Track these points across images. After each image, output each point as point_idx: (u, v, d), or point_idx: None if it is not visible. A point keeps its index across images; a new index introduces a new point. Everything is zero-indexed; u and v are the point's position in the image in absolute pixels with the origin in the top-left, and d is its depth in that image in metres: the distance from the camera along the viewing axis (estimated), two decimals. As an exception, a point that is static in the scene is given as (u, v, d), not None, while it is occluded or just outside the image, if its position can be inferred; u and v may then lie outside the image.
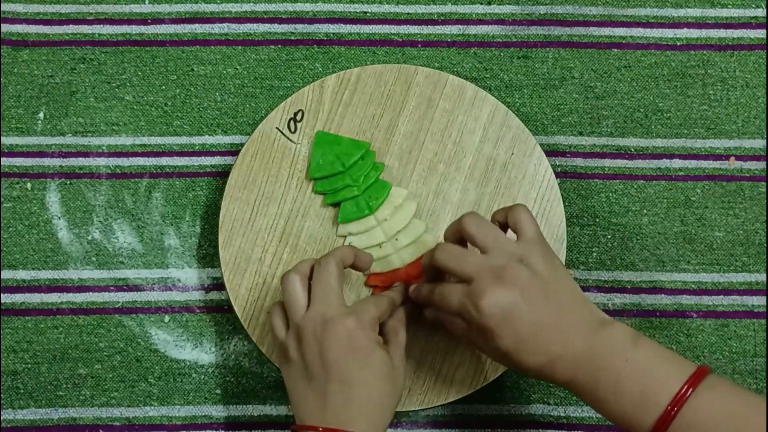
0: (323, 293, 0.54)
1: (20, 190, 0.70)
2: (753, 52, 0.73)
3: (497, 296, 0.51)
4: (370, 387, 0.53)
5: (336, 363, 0.52)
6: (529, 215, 0.55)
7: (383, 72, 0.68)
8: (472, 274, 0.52)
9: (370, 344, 0.53)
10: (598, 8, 0.74)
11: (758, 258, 0.70)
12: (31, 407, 0.67)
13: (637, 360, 0.50)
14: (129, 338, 0.68)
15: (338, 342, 0.52)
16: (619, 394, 0.50)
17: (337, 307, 0.54)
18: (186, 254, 0.69)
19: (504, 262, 0.52)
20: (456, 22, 0.73)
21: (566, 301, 0.52)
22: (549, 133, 0.71)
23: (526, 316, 0.51)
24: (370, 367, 0.53)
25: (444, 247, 0.55)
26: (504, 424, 0.67)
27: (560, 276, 0.53)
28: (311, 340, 0.53)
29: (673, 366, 0.50)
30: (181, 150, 0.71)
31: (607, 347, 0.51)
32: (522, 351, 0.51)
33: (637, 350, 0.50)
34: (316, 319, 0.53)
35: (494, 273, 0.51)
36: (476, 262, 0.52)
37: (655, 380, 0.49)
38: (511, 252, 0.52)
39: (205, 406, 0.67)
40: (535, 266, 0.52)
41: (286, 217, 0.66)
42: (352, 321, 0.53)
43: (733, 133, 0.72)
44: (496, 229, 0.54)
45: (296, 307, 0.54)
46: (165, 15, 0.73)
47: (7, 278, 0.68)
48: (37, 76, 0.72)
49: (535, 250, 0.53)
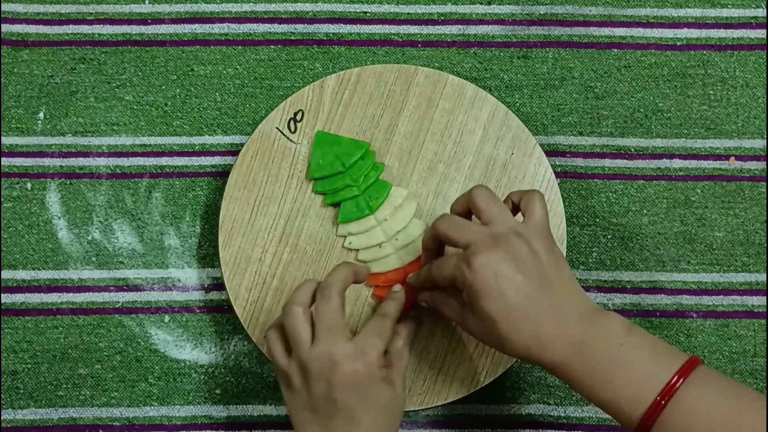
0: (329, 332, 0.53)
1: (20, 190, 0.70)
2: (753, 52, 0.73)
3: (492, 256, 0.50)
4: (375, 422, 0.53)
5: (343, 402, 0.52)
6: (542, 202, 0.54)
7: (383, 72, 0.68)
8: (470, 240, 0.52)
9: (376, 384, 0.53)
10: (598, 8, 0.74)
11: (758, 258, 0.70)
12: (31, 407, 0.67)
13: (629, 349, 0.50)
14: (129, 338, 0.68)
15: (347, 386, 0.52)
16: (610, 382, 0.49)
17: (343, 346, 0.53)
18: (186, 254, 0.69)
19: (504, 231, 0.52)
20: (456, 22, 0.73)
21: (562, 286, 0.52)
22: (549, 133, 0.71)
23: (520, 285, 0.50)
24: (376, 404, 0.53)
25: (446, 216, 0.55)
26: (504, 424, 0.67)
27: (559, 264, 0.53)
28: (318, 378, 0.53)
29: (664, 356, 0.49)
30: (181, 150, 0.71)
31: (601, 335, 0.50)
32: (510, 321, 0.50)
33: (630, 339, 0.50)
34: (323, 359, 0.52)
35: (492, 237, 0.51)
36: (476, 230, 0.52)
37: (646, 370, 0.49)
38: (513, 227, 0.52)
39: (205, 406, 0.67)
40: (535, 247, 0.52)
41: (286, 217, 0.66)
42: (360, 365, 0.53)
43: (733, 133, 0.72)
44: (503, 205, 0.54)
45: (301, 342, 0.53)
46: (165, 15, 0.73)
47: (7, 278, 0.68)
48: (37, 76, 0.72)
49: (537, 233, 0.53)
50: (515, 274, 0.50)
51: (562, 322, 0.51)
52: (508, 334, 0.51)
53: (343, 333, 0.54)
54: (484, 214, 0.53)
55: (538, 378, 0.68)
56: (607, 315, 0.52)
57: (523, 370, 0.68)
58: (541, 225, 0.53)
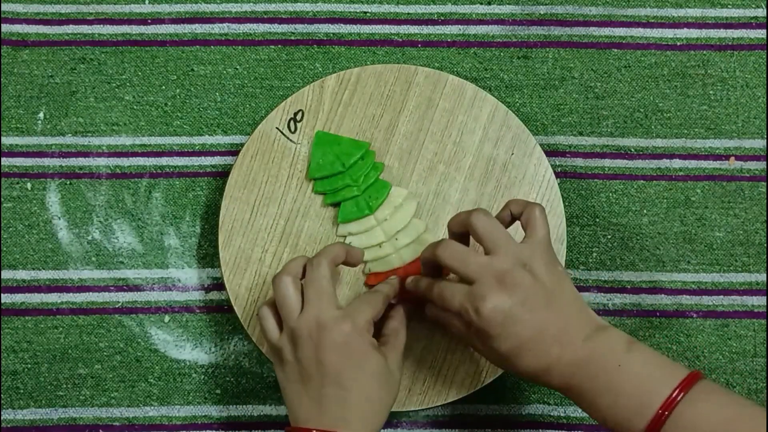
0: (317, 296, 0.54)
1: (20, 190, 0.70)
2: (753, 52, 0.73)
3: (499, 301, 0.51)
4: (366, 390, 0.53)
5: (332, 367, 0.52)
6: (543, 217, 0.54)
7: (383, 72, 0.68)
8: (474, 275, 0.52)
9: (365, 348, 0.53)
10: (598, 8, 0.74)
11: (758, 258, 0.70)
12: (31, 407, 0.67)
13: (630, 364, 0.50)
14: (129, 338, 0.68)
15: (334, 346, 0.52)
16: (613, 399, 0.50)
17: (331, 310, 0.53)
18: (186, 254, 0.69)
19: (508, 266, 0.52)
20: (456, 22, 0.73)
21: (566, 308, 0.52)
22: (549, 133, 0.71)
23: (527, 322, 0.51)
24: (366, 371, 0.53)
25: (447, 245, 0.54)
26: (504, 424, 0.67)
27: (562, 282, 0.53)
28: (307, 344, 0.53)
29: (665, 370, 0.50)
30: (181, 150, 0.71)
31: (602, 352, 0.51)
32: (520, 356, 0.52)
33: (631, 355, 0.50)
34: (311, 324, 0.53)
35: (497, 277, 0.51)
36: (479, 263, 0.52)
37: (647, 384, 0.49)
38: (516, 256, 0.52)
39: (205, 406, 0.67)
40: (538, 271, 0.52)
41: (286, 217, 0.66)
42: (347, 326, 0.53)
43: (733, 133, 0.72)
44: (503, 230, 0.54)
45: (290, 310, 0.54)
46: (165, 15, 0.73)
47: (7, 278, 0.68)
48: (37, 76, 0.72)
49: (539, 253, 0.53)
50: (523, 315, 0.51)
51: (567, 344, 0.51)
52: (516, 363, 0.52)
53: (332, 300, 0.54)
54: (486, 243, 0.53)
55: (538, 378, 0.68)
56: (608, 331, 0.52)
57: (523, 370, 0.68)
58: (543, 243, 0.54)
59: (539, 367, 0.52)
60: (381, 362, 0.54)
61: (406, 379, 0.64)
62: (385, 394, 0.54)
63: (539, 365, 0.52)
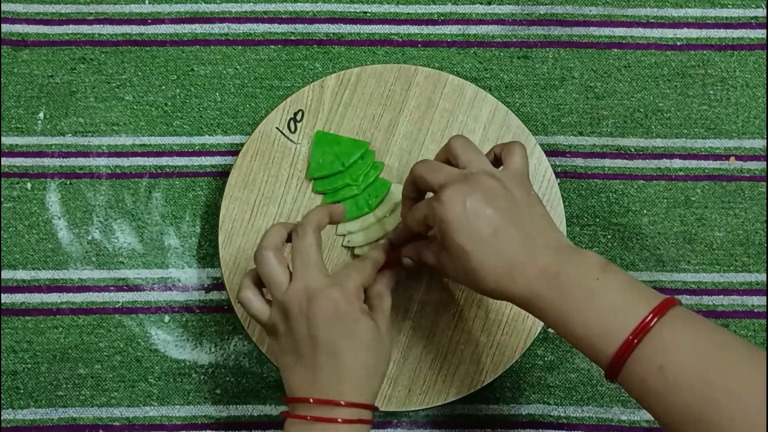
0: (304, 266, 0.53)
1: (20, 190, 0.70)
2: (753, 52, 0.73)
3: (461, 189, 0.50)
4: (358, 357, 0.52)
5: (323, 336, 0.52)
6: (522, 152, 0.54)
7: (383, 72, 0.68)
8: (443, 181, 0.52)
9: (355, 314, 0.53)
10: (598, 8, 0.74)
11: (758, 258, 0.70)
12: (31, 407, 0.67)
13: (605, 284, 0.48)
14: (129, 338, 0.68)
15: (324, 315, 0.52)
16: (584, 317, 0.48)
17: (320, 278, 0.53)
18: (186, 254, 0.69)
19: (477, 172, 0.52)
20: (456, 22, 0.73)
21: (536, 220, 0.51)
22: (549, 133, 0.71)
23: (489, 217, 0.50)
24: (357, 337, 0.52)
25: (423, 161, 0.55)
26: (504, 424, 0.67)
27: (534, 204, 0.52)
28: (298, 315, 0.52)
29: (641, 295, 0.48)
30: (181, 150, 0.71)
31: (576, 269, 0.49)
32: (480, 252, 0.50)
33: (606, 275, 0.48)
34: (300, 295, 0.52)
35: (464, 176, 0.51)
36: (449, 171, 0.53)
37: (621, 306, 0.47)
38: (488, 170, 0.52)
39: (205, 406, 0.67)
40: (509, 186, 0.51)
41: (286, 217, 0.66)
42: (336, 292, 0.52)
43: (733, 133, 0.72)
44: (480, 152, 0.54)
45: (278, 284, 0.53)
46: (165, 15, 0.73)
47: (7, 278, 0.68)
48: (37, 76, 0.72)
49: (514, 179, 0.52)
50: (485, 207, 0.50)
51: (532, 250, 0.50)
52: (478, 265, 0.50)
53: (320, 268, 0.54)
54: (460, 159, 0.53)
55: (538, 378, 0.68)
56: (583, 251, 0.50)
57: (523, 370, 0.68)
58: (518, 172, 0.53)
59: (501, 269, 0.49)
60: (371, 327, 0.53)
61: (406, 379, 0.64)
62: (377, 358, 0.54)
63: (501, 267, 0.49)
